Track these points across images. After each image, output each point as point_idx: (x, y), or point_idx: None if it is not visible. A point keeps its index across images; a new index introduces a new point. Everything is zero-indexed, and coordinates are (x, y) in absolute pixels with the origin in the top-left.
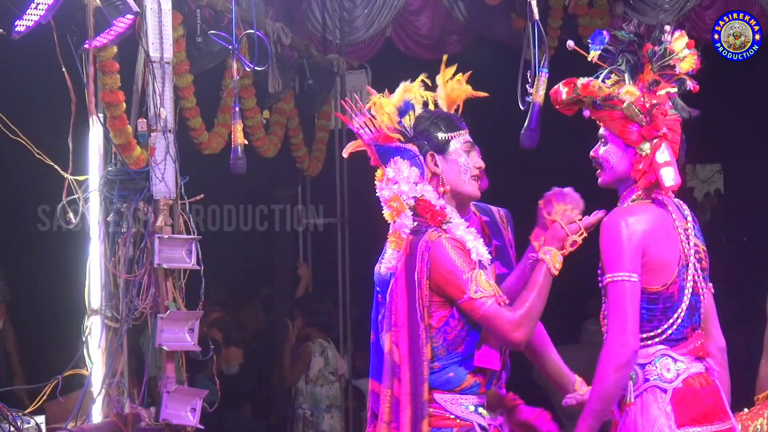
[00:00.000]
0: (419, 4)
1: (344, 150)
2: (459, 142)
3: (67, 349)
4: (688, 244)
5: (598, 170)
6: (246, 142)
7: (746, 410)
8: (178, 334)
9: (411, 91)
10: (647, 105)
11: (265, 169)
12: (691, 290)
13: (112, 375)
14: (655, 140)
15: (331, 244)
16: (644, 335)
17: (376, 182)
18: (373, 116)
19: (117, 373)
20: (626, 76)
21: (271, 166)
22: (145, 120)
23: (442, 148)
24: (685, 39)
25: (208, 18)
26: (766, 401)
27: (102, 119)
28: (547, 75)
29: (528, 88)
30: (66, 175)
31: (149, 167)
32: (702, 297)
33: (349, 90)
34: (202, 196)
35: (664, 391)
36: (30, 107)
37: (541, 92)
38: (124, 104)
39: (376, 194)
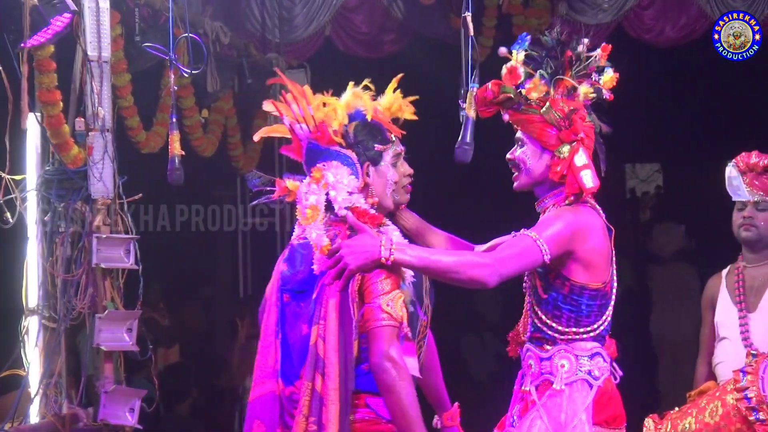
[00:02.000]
0: (357, 2)
1: (256, 134)
2: (389, 155)
3: (4, 349)
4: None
5: (515, 173)
6: (183, 153)
7: (677, 408)
8: (117, 333)
9: (362, 98)
10: (566, 110)
11: (203, 169)
12: (615, 287)
13: (49, 375)
14: (573, 144)
15: (270, 244)
16: (582, 330)
17: (309, 181)
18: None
19: (55, 374)
20: (547, 80)
21: (209, 165)
22: (83, 119)
23: (375, 160)
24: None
25: (146, 17)
26: (696, 399)
27: (39, 118)
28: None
29: (460, 103)
30: (3, 174)
31: (87, 166)
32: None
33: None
34: (140, 195)
35: (590, 386)
36: None
37: (474, 107)
38: (61, 103)
39: (303, 190)
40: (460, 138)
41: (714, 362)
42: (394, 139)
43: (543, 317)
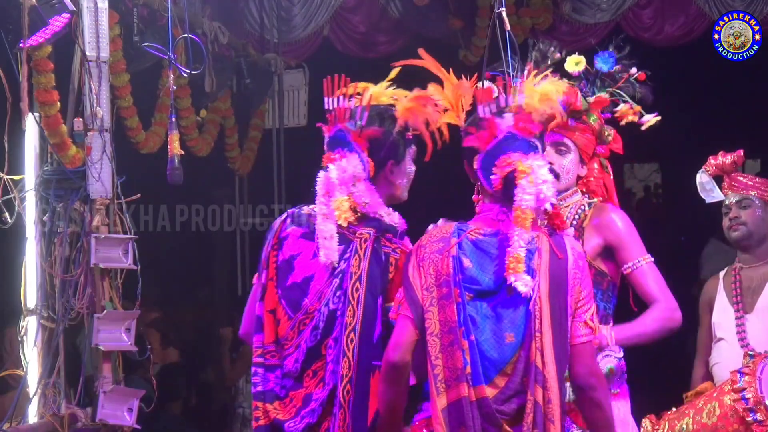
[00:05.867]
0: (355, 2)
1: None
2: None
3: (2, 349)
4: None
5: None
6: (182, 152)
7: (674, 409)
8: (115, 333)
9: (560, 89)
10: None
11: (202, 169)
12: None
13: (48, 375)
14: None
15: None
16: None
17: (522, 176)
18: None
19: (53, 374)
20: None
21: (207, 165)
22: (81, 119)
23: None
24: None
25: (144, 17)
26: (693, 401)
27: (38, 118)
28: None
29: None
30: (1, 175)
31: (85, 167)
32: None
33: (287, 89)
34: (138, 195)
35: None
36: None
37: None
38: (59, 103)
39: (522, 183)
40: None
41: (711, 363)
42: None
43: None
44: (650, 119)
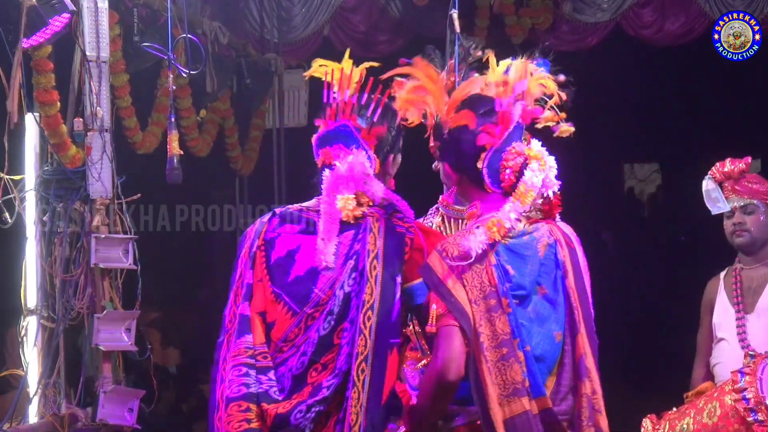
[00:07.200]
0: (355, 2)
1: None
2: None
3: (3, 349)
4: None
5: None
6: (182, 152)
7: (675, 409)
8: (115, 333)
9: None
10: None
11: (202, 169)
12: None
13: (48, 375)
14: None
15: None
16: None
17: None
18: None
19: (53, 374)
20: None
21: (208, 166)
22: (81, 119)
23: None
24: None
25: (144, 17)
26: (694, 400)
27: (38, 118)
28: None
29: None
30: (2, 175)
31: (85, 167)
32: None
33: (287, 89)
34: (138, 195)
35: None
36: None
37: None
38: (59, 104)
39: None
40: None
41: (712, 363)
42: None
43: None
44: (563, 128)
